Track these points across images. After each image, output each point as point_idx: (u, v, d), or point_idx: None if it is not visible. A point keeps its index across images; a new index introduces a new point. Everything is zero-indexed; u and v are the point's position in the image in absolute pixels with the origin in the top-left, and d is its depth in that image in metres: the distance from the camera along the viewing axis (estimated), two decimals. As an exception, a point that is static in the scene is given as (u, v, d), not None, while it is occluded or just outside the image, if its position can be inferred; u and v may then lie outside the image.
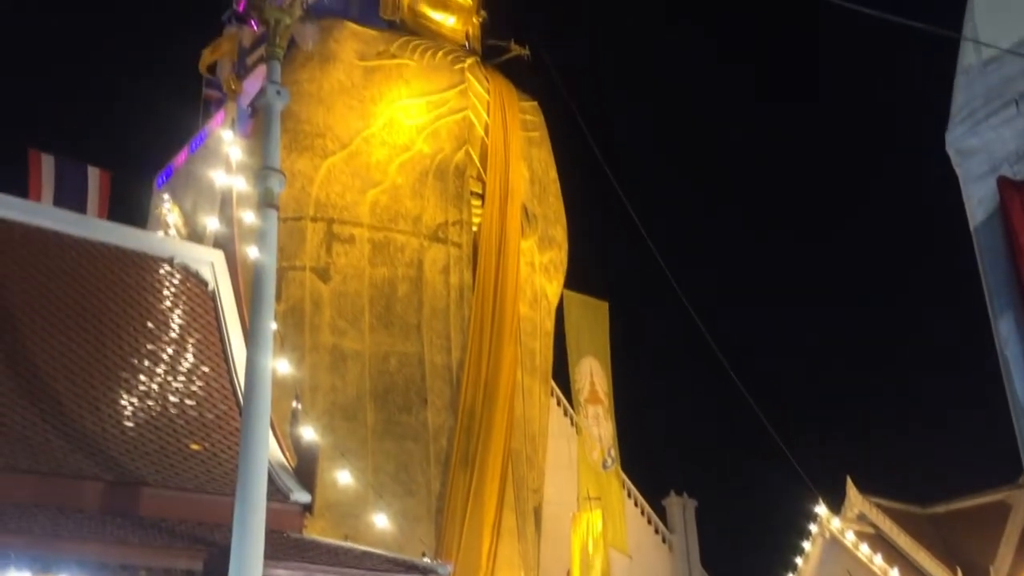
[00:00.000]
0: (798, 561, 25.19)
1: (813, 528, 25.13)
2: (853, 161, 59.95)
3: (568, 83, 27.02)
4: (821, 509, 24.95)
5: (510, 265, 24.78)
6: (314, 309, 22.60)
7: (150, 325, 16.16)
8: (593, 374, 27.38)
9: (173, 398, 14.99)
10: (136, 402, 14.61)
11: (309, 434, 14.79)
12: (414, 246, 24.00)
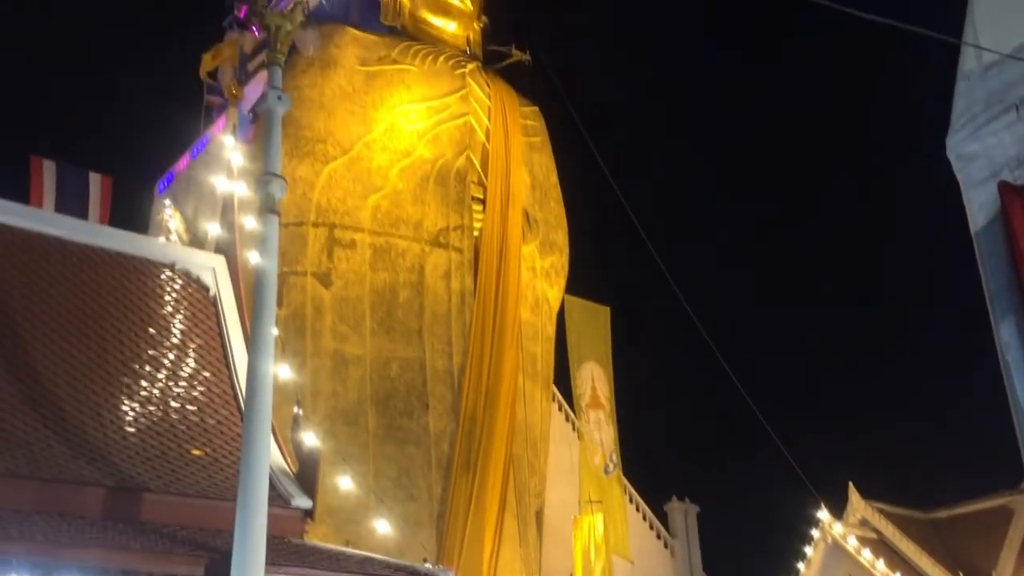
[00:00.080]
0: (800, 566, 25.11)
1: (815, 533, 25.06)
2: (853, 162, 60.06)
3: (569, 88, 27.06)
4: (823, 514, 24.88)
5: (511, 270, 24.79)
6: (315, 314, 22.62)
7: (151, 331, 16.16)
8: (594, 379, 27.36)
9: (174, 403, 14.99)
10: (137, 407, 14.61)
11: (310, 439, 14.78)
12: (415, 251, 24.02)
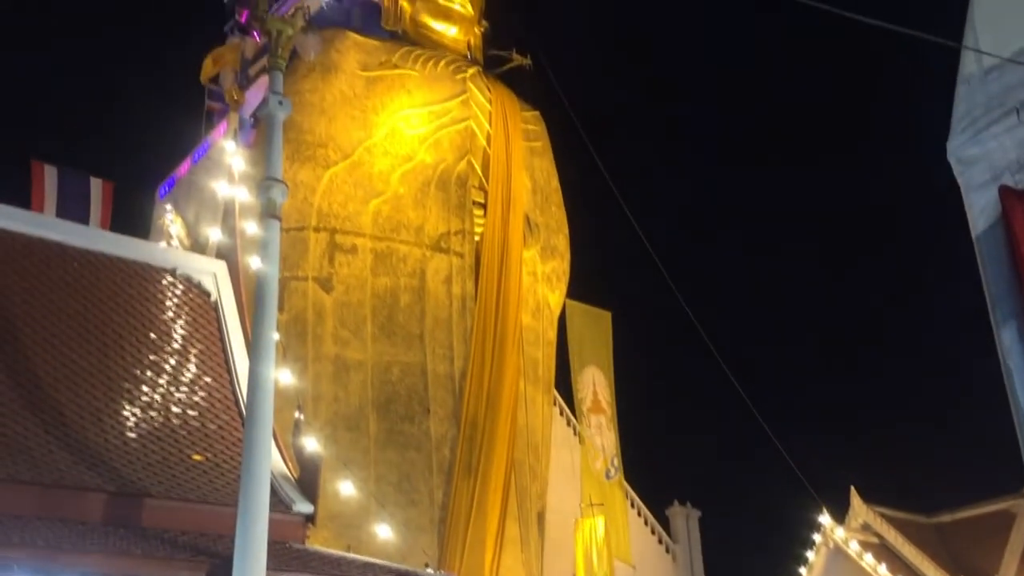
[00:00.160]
0: (802, 571, 25.07)
1: (817, 538, 25.03)
2: (854, 162, 60.05)
3: (569, 92, 27.04)
4: (825, 519, 24.85)
5: (512, 275, 24.78)
6: (316, 319, 22.62)
7: (152, 336, 16.16)
8: (596, 384, 27.36)
9: (175, 409, 14.99)
10: (138, 413, 14.61)
11: (311, 444, 14.78)
12: (416, 256, 24.02)
